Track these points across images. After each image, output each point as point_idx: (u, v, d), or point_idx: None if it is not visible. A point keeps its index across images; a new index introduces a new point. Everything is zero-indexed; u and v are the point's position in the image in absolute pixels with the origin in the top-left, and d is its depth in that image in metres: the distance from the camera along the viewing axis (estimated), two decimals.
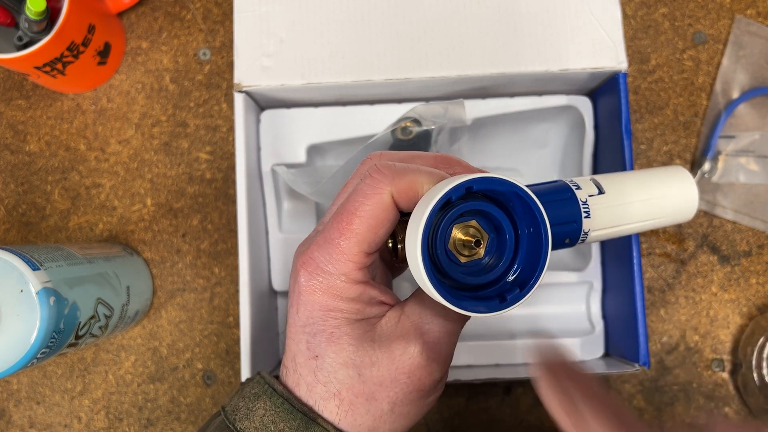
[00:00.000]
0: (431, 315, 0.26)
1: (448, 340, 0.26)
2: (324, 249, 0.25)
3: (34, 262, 0.34)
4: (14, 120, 0.49)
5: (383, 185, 0.25)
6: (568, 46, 0.39)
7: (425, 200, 0.24)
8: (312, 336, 0.26)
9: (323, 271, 0.25)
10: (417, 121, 0.39)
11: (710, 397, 0.46)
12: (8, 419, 0.46)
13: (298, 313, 0.26)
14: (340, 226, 0.25)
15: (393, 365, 0.25)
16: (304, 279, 0.25)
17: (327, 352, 0.25)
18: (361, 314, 0.26)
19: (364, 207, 0.25)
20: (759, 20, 0.48)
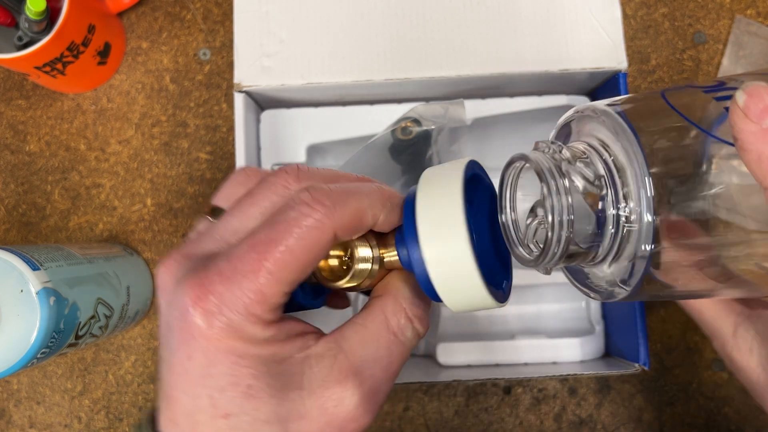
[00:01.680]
0: (374, 356, 0.22)
1: (388, 385, 0.22)
2: (231, 283, 0.20)
3: (34, 262, 0.34)
4: (14, 120, 0.49)
5: (325, 220, 0.20)
6: (568, 47, 0.39)
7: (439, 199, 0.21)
8: (219, 391, 0.20)
9: (227, 310, 0.20)
10: (417, 121, 0.39)
11: (710, 397, 0.46)
12: (8, 419, 0.46)
13: (191, 360, 0.20)
14: (259, 257, 0.20)
15: (323, 418, 0.21)
16: (201, 320, 0.20)
17: (244, 410, 0.20)
18: (280, 356, 0.21)
19: (297, 242, 0.20)
20: (759, 20, 0.48)
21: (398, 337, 0.22)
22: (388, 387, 0.22)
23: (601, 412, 0.46)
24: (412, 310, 0.23)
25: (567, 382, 0.46)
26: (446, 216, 0.21)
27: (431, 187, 0.22)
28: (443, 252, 0.21)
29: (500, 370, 0.42)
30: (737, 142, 0.19)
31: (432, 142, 0.39)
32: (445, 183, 0.22)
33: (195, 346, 0.20)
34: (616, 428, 0.46)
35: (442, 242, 0.21)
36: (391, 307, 0.23)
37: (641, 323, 0.38)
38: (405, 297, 0.23)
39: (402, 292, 0.23)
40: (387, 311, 0.23)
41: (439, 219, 0.21)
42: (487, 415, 0.46)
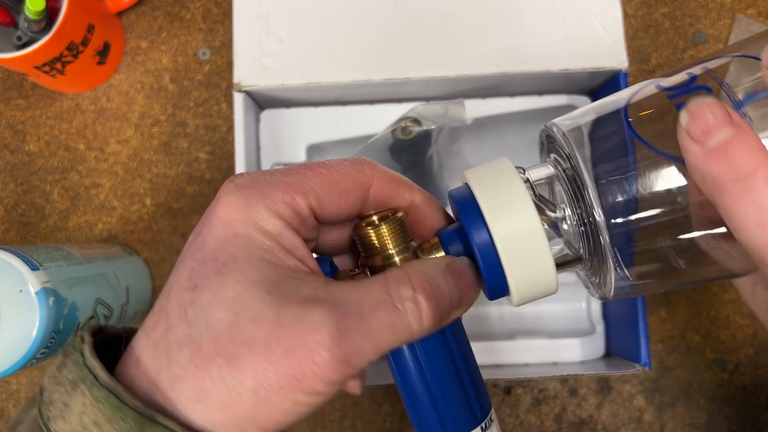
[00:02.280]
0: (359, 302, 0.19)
1: (364, 343, 0.19)
2: (266, 175, 0.21)
3: (33, 262, 0.34)
4: (14, 120, 0.49)
5: (365, 166, 0.22)
6: (568, 46, 0.39)
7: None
8: (201, 263, 0.20)
9: (250, 188, 0.20)
10: (417, 121, 0.39)
11: (711, 397, 0.46)
12: (8, 419, 0.46)
13: (197, 236, 0.20)
14: (301, 166, 0.21)
15: (276, 330, 0.18)
16: (224, 193, 0.20)
17: (209, 284, 0.19)
18: (271, 255, 0.20)
19: (333, 165, 0.21)
20: (759, 20, 0.48)
21: (392, 299, 0.19)
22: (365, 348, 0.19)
23: (601, 412, 0.46)
24: (418, 280, 0.20)
25: (567, 383, 0.46)
26: (509, 193, 0.21)
27: (484, 176, 0.22)
28: (512, 227, 0.21)
29: (500, 371, 0.42)
30: (685, 162, 0.19)
31: (432, 142, 0.39)
32: (498, 169, 0.22)
33: (206, 221, 0.20)
34: (616, 429, 0.46)
35: (509, 217, 0.21)
36: (395, 274, 0.20)
37: (642, 323, 0.38)
38: (414, 269, 0.21)
39: (412, 267, 0.21)
40: (389, 276, 0.20)
41: (503, 197, 0.21)
42: None
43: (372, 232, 0.22)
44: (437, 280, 0.20)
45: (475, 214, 0.21)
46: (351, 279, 0.22)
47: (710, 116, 0.18)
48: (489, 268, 0.21)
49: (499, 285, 0.22)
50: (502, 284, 0.21)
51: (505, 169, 0.22)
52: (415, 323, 0.20)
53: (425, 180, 0.41)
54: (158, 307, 0.20)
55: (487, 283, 0.22)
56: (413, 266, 0.21)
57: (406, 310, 0.19)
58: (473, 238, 0.21)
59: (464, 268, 0.22)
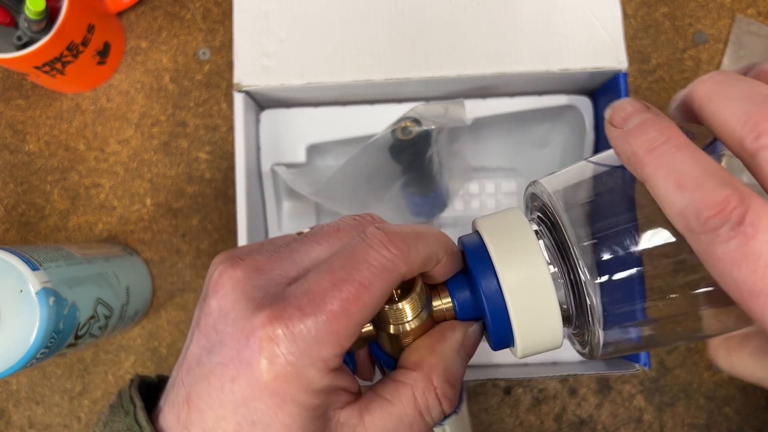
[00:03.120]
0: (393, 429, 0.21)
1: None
2: (312, 319, 0.19)
3: (33, 262, 0.34)
4: (13, 120, 0.49)
5: (398, 262, 0.20)
6: (568, 46, 0.39)
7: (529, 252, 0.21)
8: (250, 424, 0.19)
9: (297, 351, 0.19)
10: (417, 121, 0.39)
11: (711, 397, 0.46)
12: (8, 420, 0.46)
13: (234, 383, 0.19)
14: (343, 296, 0.19)
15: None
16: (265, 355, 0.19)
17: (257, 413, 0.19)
18: (321, 410, 0.20)
19: (377, 282, 0.20)
20: (759, 20, 0.48)
21: (424, 417, 0.21)
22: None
23: (601, 412, 0.46)
24: (443, 389, 0.21)
25: (567, 383, 0.46)
26: (521, 244, 0.21)
27: (495, 225, 0.22)
28: (522, 278, 0.21)
29: (500, 371, 0.42)
30: (614, 151, 0.20)
31: (432, 142, 0.39)
32: (509, 219, 0.22)
33: (245, 374, 0.19)
34: (616, 429, 0.46)
35: (520, 268, 0.21)
36: (422, 385, 0.21)
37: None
38: (438, 375, 0.21)
39: (436, 370, 0.21)
40: (417, 389, 0.21)
41: (514, 247, 0.21)
42: (488, 415, 0.46)
43: (392, 311, 0.22)
44: (454, 368, 0.22)
45: (485, 262, 0.21)
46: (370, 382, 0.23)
47: (629, 107, 0.20)
48: (496, 318, 0.21)
49: (504, 336, 0.22)
50: (508, 335, 0.21)
51: (517, 220, 0.22)
52: (438, 421, 0.22)
53: (425, 180, 0.41)
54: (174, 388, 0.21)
55: (493, 333, 0.22)
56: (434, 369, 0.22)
57: (434, 418, 0.22)
58: (482, 287, 0.21)
59: (475, 337, 0.23)
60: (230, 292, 0.20)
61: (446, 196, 0.44)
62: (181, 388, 0.21)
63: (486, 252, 0.21)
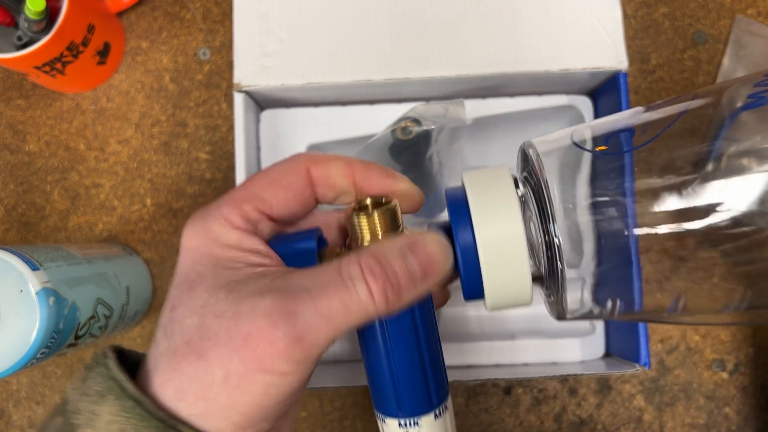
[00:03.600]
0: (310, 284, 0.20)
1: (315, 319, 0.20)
2: (216, 201, 0.23)
3: (33, 262, 0.34)
4: (14, 120, 0.49)
5: (298, 156, 0.24)
6: (568, 46, 0.39)
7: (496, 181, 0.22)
8: (176, 288, 0.22)
9: (203, 215, 0.23)
10: (417, 121, 0.39)
11: (711, 397, 0.46)
12: (8, 420, 0.46)
13: (175, 271, 0.23)
14: (243, 182, 0.24)
15: (234, 321, 0.20)
16: (186, 226, 0.23)
17: (182, 300, 0.21)
18: (233, 262, 0.22)
19: (275, 166, 0.23)
20: (759, 20, 0.48)
21: (343, 279, 0.20)
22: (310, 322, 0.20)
23: (601, 412, 0.46)
24: (367, 260, 0.21)
25: (567, 383, 0.46)
26: (501, 201, 0.21)
27: (480, 180, 0.22)
28: (497, 234, 0.21)
29: (500, 371, 0.42)
30: None
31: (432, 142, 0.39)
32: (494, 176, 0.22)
33: (179, 251, 0.23)
34: (616, 428, 0.46)
35: (496, 224, 0.21)
36: (347, 258, 0.21)
37: (642, 323, 0.38)
38: (368, 249, 0.21)
39: (368, 248, 0.22)
40: (343, 258, 0.21)
41: (494, 203, 0.21)
42: (488, 415, 0.46)
43: (363, 219, 0.22)
44: (391, 259, 0.21)
45: (463, 214, 0.22)
46: (336, 256, 0.22)
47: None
48: (468, 269, 0.22)
49: (475, 287, 0.22)
50: (479, 287, 0.22)
51: (502, 177, 0.22)
52: (369, 302, 0.20)
53: (425, 180, 0.41)
54: (156, 336, 0.22)
55: (464, 283, 0.22)
56: (370, 247, 0.22)
57: (357, 290, 0.20)
58: (457, 238, 0.22)
59: (427, 244, 0.22)
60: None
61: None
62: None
63: (466, 204, 0.22)
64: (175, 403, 0.20)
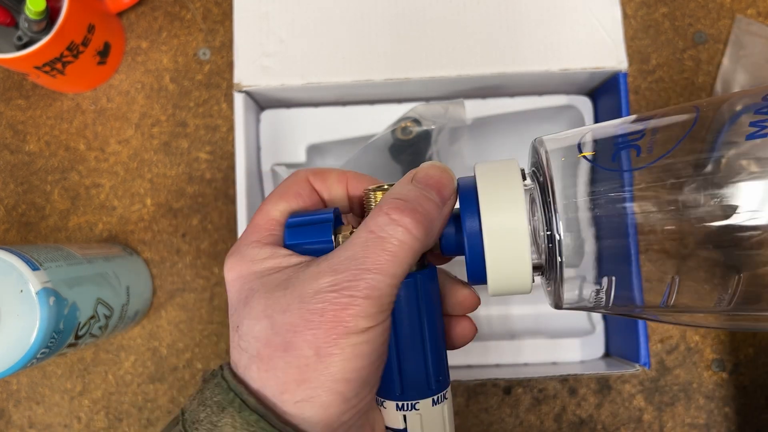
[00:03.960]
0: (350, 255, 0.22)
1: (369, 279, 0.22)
2: (242, 234, 0.25)
3: (33, 262, 0.34)
4: (14, 120, 0.49)
5: (298, 173, 0.26)
6: (568, 46, 0.39)
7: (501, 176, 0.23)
8: (235, 311, 0.24)
9: (238, 247, 0.25)
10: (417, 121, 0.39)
11: (711, 397, 0.46)
12: (8, 419, 0.46)
13: (228, 303, 0.25)
14: (258, 208, 0.26)
15: (304, 306, 0.22)
16: (226, 263, 0.24)
17: (243, 317, 0.23)
18: (276, 269, 0.23)
19: (279, 185, 0.26)
20: (759, 20, 0.48)
21: (376, 233, 0.22)
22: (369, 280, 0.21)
23: (601, 412, 0.46)
24: (389, 205, 0.22)
25: (567, 383, 0.46)
26: (508, 194, 0.23)
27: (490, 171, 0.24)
28: (502, 223, 0.22)
29: (500, 370, 0.42)
30: None
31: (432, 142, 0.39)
32: (504, 169, 0.24)
33: (227, 289, 0.24)
34: (616, 428, 0.46)
35: (502, 214, 0.23)
36: (372, 213, 0.23)
37: (641, 323, 0.38)
38: (384, 199, 0.23)
39: (384, 197, 0.23)
40: (367, 219, 0.23)
41: (501, 194, 0.23)
42: (487, 415, 0.46)
43: (379, 194, 0.24)
44: (405, 193, 0.23)
45: (472, 203, 0.23)
46: (350, 232, 0.24)
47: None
48: (473, 255, 0.23)
49: (478, 273, 0.23)
50: (482, 273, 0.23)
51: (511, 170, 0.23)
52: (406, 236, 0.22)
53: None
54: (231, 358, 0.24)
55: (469, 267, 0.23)
56: (383, 197, 0.23)
57: (391, 233, 0.22)
58: (465, 224, 0.23)
59: (426, 170, 0.24)
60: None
61: None
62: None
63: (475, 194, 0.23)
64: (280, 397, 0.22)
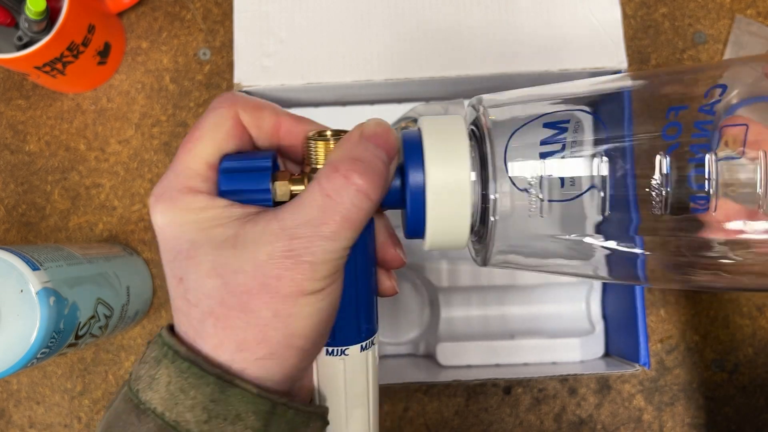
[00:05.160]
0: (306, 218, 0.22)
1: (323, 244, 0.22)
2: (169, 170, 0.24)
3: (34, 262, 0.34)
4: (14, 120, 0.49)
5: (226, 101, 0.24)
6: (568, 46, 0.39)
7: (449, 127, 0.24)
8: (173, 261, 0.23)
9: (169, 189, 0.23)
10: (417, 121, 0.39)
11: (710, 397, 0.46)
12: (8, 419, 0.46)
13: (160, 248, 0.24)
14: (183, 145, 0.24)
15: (259, 270, 0.22)
16: (153, 207, 0.23)
17: (188, 270, 0.22)
18: (218, 221, 0.23)
19: (205, 119, 0.24)
20: (759, 20, 0.48)
21: (333, 198, 0.22)
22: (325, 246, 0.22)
23: (601, 412, 0.46)
24: (346, 166, 0.22)
25: (567, 382, 0.46)
26: (453, 149, 0.23)
27: (436, 127, 0.24)
28: (446, 179, 0.23)
29: (500, 370, 0.42)
30: None
31: None
32: (450, 124, 0.24)
33: (158, 235, 0.24)
34: (616, 428, 0.46)
35: (446, 170, 0.23)
36: (325, 172, 0.22)
37: (641, 323, 0.38)
38: (335, 155, 0.23)
39: (332, 154, 0.23)
40: (321, 177, 0.22)
41: (446, 147, 0.23)
42: (487, 415, 0.46)
43: (321, 144, 0.24)
44: (359, 153, 0.22)
45: (417, 156, 0.23)
46: (289, 180, 0.24)
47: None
48: (414, 209, 0.23)
49: (418, 227, 0.24)
50: (421, 227, 0.23)
51: (457, 125, 0.24)
52: (365, 202, 0.22)
53: None
54: (173, 311, 0.24)
55: (409, 222, 0.24)
56: (333, 153, 0.23)
57: (349, 199, 0.22)
58: (408, 180, 0.23)
59: (371, 126, 0.24)
60: None
61: None
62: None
63: (421, 149, 0.23)
64: (239, 354, 0.22)
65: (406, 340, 0.45)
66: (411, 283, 0.45)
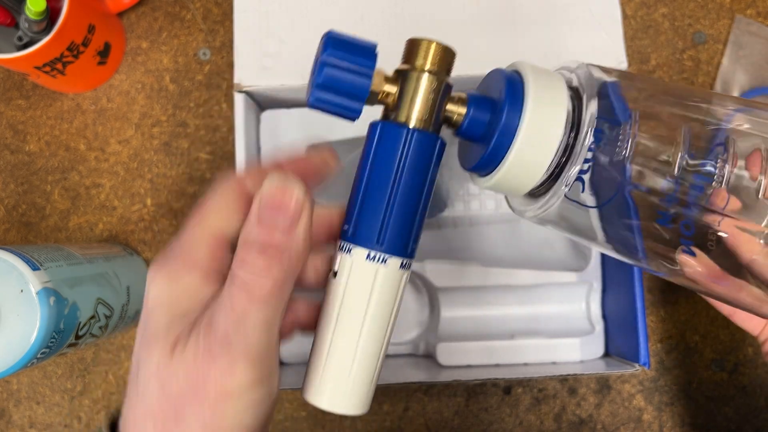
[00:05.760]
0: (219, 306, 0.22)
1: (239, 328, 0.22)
2: (176, 240, 0.24)
3: (34, 262, 0.34)
4: (14, 120, 0.49)
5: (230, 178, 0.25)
6: (568, 46, 0.39)
7: None
8: (140, 342, 0.23)
9: (180, 262, 0.23)
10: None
11: (710, 397, 0.46)
12: (8, 419, 0.46)
13: (142, 319, 0.24)
14: (192, 218, 0.24)
15: (190, 374, 0.21)
16: (155, 277, 0.23)
17: (143, 361, 0.23)
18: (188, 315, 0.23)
19: (212, 195, 0.24)
20: (759, 20, 0.48)
21: (234, 282, 0.22)
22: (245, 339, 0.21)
23: (601, 412, 0.46)
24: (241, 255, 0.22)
25: (567, 382, 0.46)
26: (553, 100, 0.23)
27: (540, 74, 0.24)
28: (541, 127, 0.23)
29: (500, 370, 0.42)
30: None
31: None
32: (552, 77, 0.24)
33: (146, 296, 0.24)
34: (615, 428, 0.46)
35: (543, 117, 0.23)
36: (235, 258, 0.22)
37: (641, 323, 0.38)
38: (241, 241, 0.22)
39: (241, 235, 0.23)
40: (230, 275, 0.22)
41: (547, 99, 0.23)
42: (487, 415, 0.46)
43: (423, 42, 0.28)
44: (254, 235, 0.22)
45: (518, 99, 0.23)
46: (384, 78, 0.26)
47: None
48: (499, 143, 0.23)
49: (494, 160, 0.23)
50: (492, 166, 0.23)
51: (559, 81, 0.24)
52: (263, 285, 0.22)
53: None
54: (126, 393, 0.24)
55: (484, 159, 0.23)
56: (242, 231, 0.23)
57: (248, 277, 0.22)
58: (503, 117, 0.23)
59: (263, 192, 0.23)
60: None
61: (446, 196, 0.44)
62: None
63: (522, 91, 0.23)
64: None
65: (406, 340, 0.45)
66: (411, 283, 0.45)
